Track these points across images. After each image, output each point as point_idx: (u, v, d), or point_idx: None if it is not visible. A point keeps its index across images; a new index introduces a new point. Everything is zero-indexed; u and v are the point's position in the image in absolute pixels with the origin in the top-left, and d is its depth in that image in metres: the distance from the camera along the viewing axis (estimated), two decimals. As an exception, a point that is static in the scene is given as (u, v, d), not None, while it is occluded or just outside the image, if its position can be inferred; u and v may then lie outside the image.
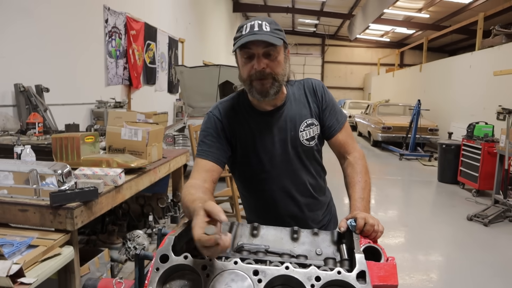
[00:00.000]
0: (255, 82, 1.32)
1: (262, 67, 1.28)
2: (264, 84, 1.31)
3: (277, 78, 1.32)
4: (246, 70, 1.32)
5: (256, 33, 1.26)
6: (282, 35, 1.32)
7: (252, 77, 1.31)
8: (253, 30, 1.27)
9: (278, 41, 1.27)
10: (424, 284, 3.28)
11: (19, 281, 1.35)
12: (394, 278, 0.94)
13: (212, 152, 1.36)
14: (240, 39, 1.27)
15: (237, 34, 1.31)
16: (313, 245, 1.17)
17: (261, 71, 1.29)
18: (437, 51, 20.74)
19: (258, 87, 1.32)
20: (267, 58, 1.29)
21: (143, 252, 1.05)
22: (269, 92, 1.33)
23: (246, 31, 1.28)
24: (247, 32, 1.27)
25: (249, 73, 1.31)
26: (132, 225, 3.01)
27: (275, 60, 1.31)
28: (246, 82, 1.34)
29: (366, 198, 1.30)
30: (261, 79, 1.30)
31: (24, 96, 4.15)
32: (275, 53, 1.30)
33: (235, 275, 0.90)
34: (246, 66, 1.31)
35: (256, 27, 1.27)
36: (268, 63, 1.29)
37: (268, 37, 1.25)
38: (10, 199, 1.81)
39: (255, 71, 1.29)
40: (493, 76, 8.15)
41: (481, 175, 5.86)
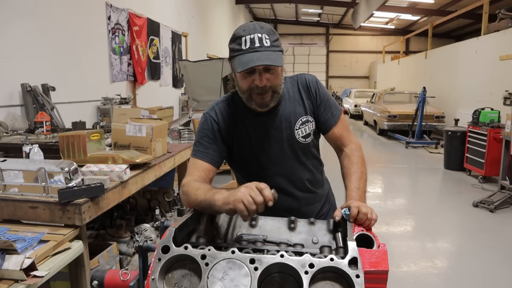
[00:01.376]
0: (255, 96, 1.33)
1: (264, 83, 1.29)
2: (265, 98, 1.33)
3: (276, 90, 1.35)
4: (246, 83, 1.31)
5: (257, 50, 1.24)
6: (279, 44, 1.31)
7: (252, 91, 1.32)
8: (254, 46, 1.24)
9: (279, 60, 1.27)
10: (430, 271, 3.32)
11: (32, 274, 1.42)
12: (385, 264, 0.97)
13: (208, 153, 1.40)
14: (241, 56, 1.25)
15: (236, 46, 1.28)
16: (310, 234, 1.22)
17: (263, 88, 1.30)
18: (444, 36, 20.49)
19: (258, 101, 1.34)
20: (267, 72, 1.29)
21: (145, 244, 1.11)
22: (269, 104, 1.36)
23: (246, 46, 1.25)
24: (247, 48, 1.25)
25: (249, 87, 1.32)
26: (139, 219, 3.08)
27: (275, 73, 1.31)
28: (245, 94, 1.35)
29: (361, 188, 1.33)
30: (262, 94, 1.32)
31: (31, 96, 4.23)
32: (276, 67, 1.30)
33: (232, 263, 0.95)
34: (246, 79, 1.31)
35: (257, 42, 1.25)
36: (269, 78, 1.30)
37: (271, 57, 1.25)
38: (20, 197, 1.88)
39: (256, 86, 1.30)
40: (499, 61, 8.07)
41: (487, 161, 5.84)
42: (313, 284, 0.93)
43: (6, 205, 1.86)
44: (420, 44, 22.14)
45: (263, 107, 1.37)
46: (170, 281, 0.98)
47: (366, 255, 0.99)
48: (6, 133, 3.39)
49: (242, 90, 1.35)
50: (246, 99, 1.37)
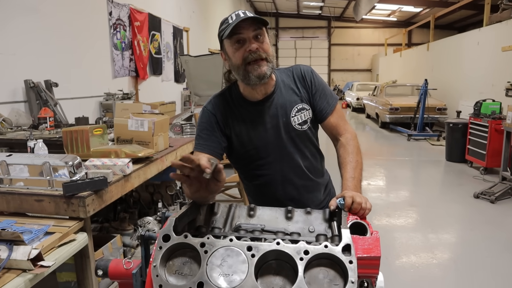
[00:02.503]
0: (251, 67, 1.36)
1: (256, 47, 1.34)
2: (260, 65, 1.36)
3: (269, 59, 1.38)
4: (239, 55, 1.36)
5: (242, 18, 1.32)
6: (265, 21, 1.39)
7: (247, 59, 1.35)
8: (239, 17, 1.33)
9: (263, 21, 1.35)
10: (430, 261, 3.36)
11: (39, 264, 1.47)
12: (377, 250, 1.01)
13: (208, 145, 1.44)
14: (229, 26, 1.33)
15: (224, 26, 1.37)
16: (306, 223, 1.25)
17: (256, 51, 1.35)
18: (446, 28, 20.36)
19: (255, 72, 1.36)
20: (257, 41, 1.36)
21: (147, 233, 1.15)
22: (266, 73, 1.38)
23: (233, 19, 1.33)
24: (234, 20, 1.33)
25: (243, 57, 1.36)
26: (143, 213, 3.13)
27: (264, 42, 1.37)
28: (241, 68, 1.37)
29: (357, 177, 1.36)
30: (256, 61, 1.35)
31: (34, 92, 4.28)
32: (263, 36, 1.37)
33: (230, 251, 0.99)
34: (239, 51, 1.36)
35: (241, 14, 1.34)
36: (259, 45, 1.36)
37: (258, 18, 1.33)
38: (26, 191, 1.93)
39: (249, 53, 1.34)
40: (501, 52, 8.03)
41: (489, 153, 5.86)
42: (308, 270, 0.97)
43: (12, 199, 1.92)
44: (422, 36, 22.01)
45: (261, 78, 1.37)
46: (171, 269, 1.02)
47: (359, 242, 1.03)
48: (10, 129, 3.44)
49: (237, 65, 1.38)
50: (243, 75, 1.38)
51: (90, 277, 1.94)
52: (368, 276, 1.02)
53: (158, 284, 0.96)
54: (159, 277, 0.97)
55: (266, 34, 1.39)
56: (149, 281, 0.99)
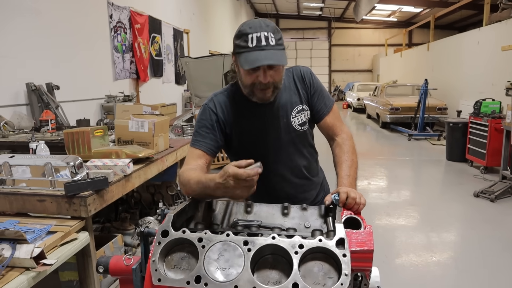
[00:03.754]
0: (257, 91, 1.39)
1: (268, 80, 1.35)
2: (266, 93, 1.39)
3: (277, 86, 1.41)
4: (250, 79, 1.36)
5: (264, 49, 1.28)
6: (283, 42, 1.36)
7: (255, 86, 1.38)
8: (261, 45, 1.28)
9: (284, 59, 1.32)
10: (429, 260, 3.38)
11: (41, 262, 1.50)
12: (370, 244, 1.04)
13: (206, 142, 1.47)
14: (247, 53, 1.29)
15: (242, 43, 1.31)
16: (302, 219, 1.28)
17: (266, 84, 1.36)
18: (447, 28, 20.36)
19: (260, 96, 1.40)
20: (271, 70, 1.35)
21: (146, 229, 1.17)
22: (270, 99, 1.43)
23: (253, 44, 1.29)
24: (254, 46, 1.29)
25: (252, 82, 1.37)
26: (144, 213, 3.16)
27: (278, 71, 1.37)
28: (248, 88, 1.40)
29: (352, 175, 1.39)
30: (264, 89, 1.38)
31: (36, 95, 4.31)
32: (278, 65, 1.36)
33: (227, 245, 1.01)
34: (250, 75, 1.35)
35: (263, 40, 1.28)
36: (272, 74, 1.35)
37: (277, 56, 1.30)
38: (29, 191, 1.96)
39: (259, 82, 1.35)
40: (501, 51, 8.03)
41: (489, 152, 5.87)
42: (303, 264, 1.00)
43: (15, 199, 1.94)
44: (423, 36, 22.02)
45: (263, 101, 1.43)
46: (169, 263, 1.05)
47: (353, 236, 1.05)
48: (12, 132, 3.48)
49: (245, 85, 1.41)
50: (248, 93, 1.43)
51: (92, 276, 1.97)
52: (362, 269, 1.04)
53: (157, 278, 0.99)
54: (158, 271, 1.00)
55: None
56: (148, 275, 1.02)
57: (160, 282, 0.98)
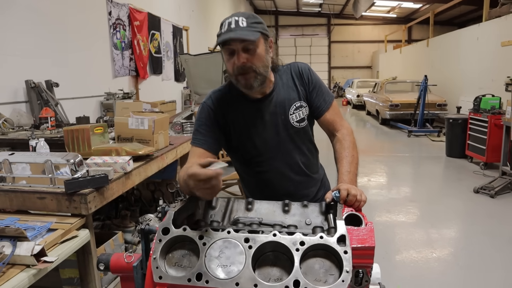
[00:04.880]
0: (239, 77, 1.39)
1: (242, 62, 1.35)
2: (247, 78, 1.39)
3: (258, 71, 1.39)
4: (230, 65, 1.39)
5: (232, 30, 1.32)
6: (261, 27, 1.37)
7: (235, 71, 1.38)
8: (230, 27, 1.32)
9: (252, 36, 1.32)
10: (429, 256, 3.38)
11: (42, 260, 1.50)
12: (371, 240, 1.03)
13: (206, 140, 1.47)
14: (219, 37, 1.35)
15: (218, 32, 1.37)
16: (303, 216, 1.28)
17: (242, 66, 1.36)
18: (446, 24, 20.33)
19: (242, 82, 1.40)
20: (247, 53, 1.35)
21: (147, 227, 1.17)
22: (253, 85, 1.41)
23: (225, 29, 1.33)
24: (225, 30, 1.33)
25: (232, 68, 1.38)
26: (144, 210, 3.16)
27: (254, 54, 1.36)
28: (232, 77, 1.42)
29: (352, 171, 1.39)
30: (243, 74, 1.37)
31: (35, 92, 4.31)
32: (254, 47, 1.35)
33: (228, 242, 1.01)
34: (229, 62, 1.38)
35: (233, 24, 1.32)
36: (248, 58, 1.35)
37: (243, 33, 1.31)
38: (29, 188, 1.96)
39: (236, 66, 1.36)
40: (501, 47, 8.02)
41: (489, 148, 5.87)
42: (304, 261, 1.00)
43: (15, 197, 1.94)
44: (422, 32, 21.99)
45: (248, 88, 1.41)
46: (170, 261, 1.05)
47: (354, 233, 1.05)
48: (12, 129, 3.47)
49: (230, 73, 1.42)
50: (235, 82, 1.43)
51: (93, 273, 1.97)
52: (363, 266, 1.04)
53: (158, 276, 0.99)
54: (159, 269, 1.00)
55: (260, 44, 1.37)
56: (149, 273, 1.02)
57: (161, 280, 0.98)
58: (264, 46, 1.40)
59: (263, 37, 1.39)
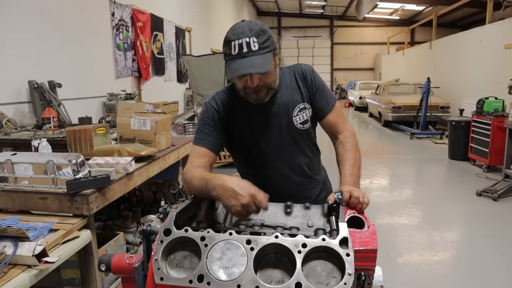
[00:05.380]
0: (250, 94, 1.39)
1: (256, 84, 1.34)
2: (259, 95, 1.39)
3: (270, 87, 1.40)
4: (241, 83, 1.37)
5: (245, 56, 1.27)
6: (270, 43, 1.33)
7: (246, 90, 1.38)
8: (242, 52, 1.27)
9: (267, 64, 1.30)
10: (431, 259, 3.37)
11: (43, 260, 1.50)
12: (374, 243, 1.03)
13: (209, 140, 1.46)
14: (230, 62, 1.29)
15: (227, 51, 1.31)
16: (305, 218, 1.27)
17: (255, 88, 1.35)
18: (449, 26, 20.30)
19: (253, 97, 1.40)
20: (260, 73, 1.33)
21: (149, 227, 1.17)
22: (264, 99, 1.42)
23: (235, 51, 1.28)
24: (236, 54, 1.28)
25: (244, 86, 1.37)
26: (146, 211, 3.16)
27: (266, 73, 1.35)
28: (242, 92, 1.41)
29: (355, 173, 1.38)
30: (256, 92, 1.38)
31: (38, 92, 4.32)
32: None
33: (230, 244, 1.01)
34: (240, 80, 1.35)
35: (244, 47, 1.27)
36: (261, 77, 1.34)
37: (257, 63, 1.28)
38: (31, 189, 1.96)
39: (249, 87, 1.35)
40: (504, 49, 8.01)
41: (491, 151, 5.85)
42: (306, 263, 0.99)
43: (17, 197, 1.94)
44: (425, 34, 21.96)
45: (258, 102, 1.43)
46: (172, 262, 1.04)
47: (357, 235, 1.05)
48: (15, 129, 3.47)
49: (239, 89, 1.41)
50: (243, 96, 1.43)
51: (94, 274, 1.97)
52: (365, 268, 1.04)
53: (160, 277, 0.98)
54: (161, 270, 0.99)
55: (272, 61, 1.34)
56: (150, 274, 1.02)
57: (162, 281, 0.97)
58: (274, 62, 1.38)
59: (273, 53, 1.36)
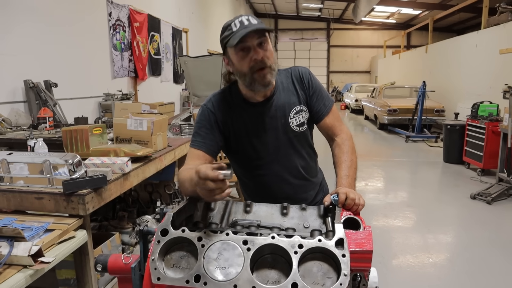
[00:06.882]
0: (257, 74, 1.37)
1: (261, 56, 1.35)
2: (265, 74, 1.38)
3: (272, 66, 1.40)
4: (246, 63, 1.37)
5: (247, 26, 1.32)
6: (267, 26, 1.40)
7: (253, 68, 1.37)
8: (244, 25, 1.33)
9: (269, 28, 1.37)
10: (426, 261, 3.39)
11: (39, 260, 1.49)
12: (369, 244, 1.04)
13: (205, 143, 1.47)
14: (235, 35, 1.32)
15: (227, 33, 1.36)
16: (301, 219, 1.28)
17: (262, 61, 1.36)
18: (445, 30, 20.45)
19: (260, 79, 1.38)
20: (261, 48, 1.36)
21: (146, 228, 1.17)
22: (270, 81, 1.41)
23: (237, 27, 1.33)
24: (239, 28, 1.33)
25: (249, 65, 1.36)
26: (141, 211, 3.15)
27: (268, 50, 1.38)
28: (248, 76, 1.39)
29: (351, 175, 1.39)
30: (262, 69, 1.37)
31: (34, 92, 4.30)
32: (266, 43, 1.37)
33: (226, 244, 1.01)
34: (244, 60, 1.36)
35: (245, 22, 1.34)
36: (263, 53, 1.36)
37: (262, 26, 1.34)
38: (26, 188, 1.95)
39: (255, 62, 1.35)
40: (499, 54, 8.06)
41: (486, 154, 5.90)
42: (302, 264, 1.00)
43: (13, 197, 1.94)
44: (421, 38, 22.10)
45: (265, 85, 1.41)
46: (169, 262, 1.05)
47: (352, 236, 1.06)
48: (10, 129, 3.46)
49: (244, 73, 1.39)
50: (249, 82, 1.40)
51: (90, 274, 1.96)
52: (361, 269, 1.04)
53: (156, 277, 0.98)
54: (157, 270, 0.99)
55: (269, 41, 1.39)
56: (147, 274, 1.02)
57: (159, 281, 0.98)
58: (271, 44, 1.42)
59: (270, 36, 1.41)
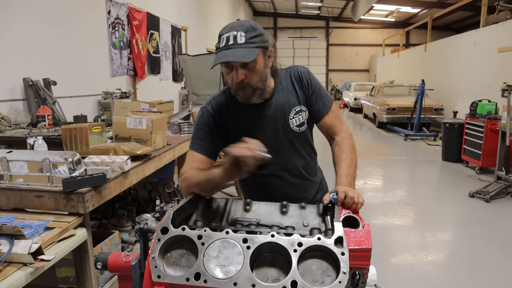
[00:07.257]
0: (239, 91, 1.41)
1: (240, 79, 1.35)
2: (245, 93, 1.41)
3: (256, 86, 1.40)
4: (229, 79, 1.40)
5: (229, 48, 1.30)
6: (260, 40, 1.35)
7: (233, 86, 1.41)
8: (228, 44, 1.31)
9: (250, 56, 1.31)
10: (424, 259, 3.40)
11: (39, 258, 1.50)
12: (368, 242, 1.05)
13: (204, 145, 1.48)
14: (217, 53, 1.33)
15: (217, 45, 1.36)
16: (301, 217, 1.29)
17: (240, 83, 1.37)
18: (444, 29, 20.44)
19: (241, 95, 1.42)
20: (245, 69, 1.35)
21: (146, 226, 1.18)
22: (251, 99, 1.43)
23: (222, 44, 1.32)
24: (223, 46, 1.32)
25: (231, 83, 1.40)
26: (141, 210, 3.16)
27: (253, 70, 1.36)
28: (232, 89, 1.43)
29: (351, 174, 1.39)
30: (241, 89, 1.39)
31: (33, 90, 4.29)
32: (252, 63, 1.35)
33: (226, 243, 1.02)
34: (229, 76, 1.39)
35: (231, 40, 1.31)
36: (246, 74, 1.36)
37: (240, 53, 1.30)
38: (26, 187, 1.96)
39: (234, 82, 1.38)
40: (498, 53, 8.09)
41: (484, 153, 5.91)
42: (301, 262, 1.01)
43: (13, 195, 1.94)
44: (420, 37, 22.09)
45: (246, 101, 1.44)
46: (169, 260, 1.05)
47: (351, 235, 1.06)
48: (9, 127, 3.46)
49: (229, 85, 1.44)
50: (234, 93, 1.45)
51: (89, 272, 1.97)
52: (360, 267, 1.05)
53: (157, 275, 0.99)
54: (158, 268, 1.00)
55: (258, 58, 1.36)
56: (147, 272, 1.02)
57: (159, 279, 0.98)
58: (263, 60, 1.40)
59: (262, 51, 1.38)
